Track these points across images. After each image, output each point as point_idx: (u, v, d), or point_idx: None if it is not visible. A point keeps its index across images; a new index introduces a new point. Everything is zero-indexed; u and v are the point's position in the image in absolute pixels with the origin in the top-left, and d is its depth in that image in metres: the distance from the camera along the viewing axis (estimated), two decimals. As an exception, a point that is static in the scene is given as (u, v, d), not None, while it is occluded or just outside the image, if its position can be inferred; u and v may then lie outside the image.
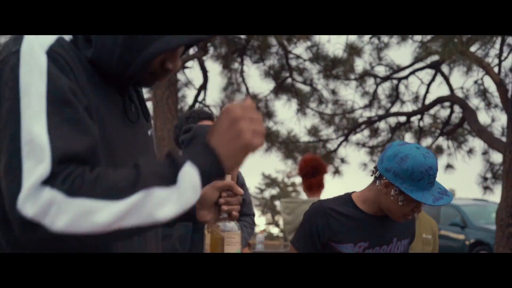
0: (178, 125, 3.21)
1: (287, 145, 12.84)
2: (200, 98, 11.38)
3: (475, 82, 11.81)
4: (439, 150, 13.34)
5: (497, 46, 10.60)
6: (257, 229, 45.53)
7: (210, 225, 1.57)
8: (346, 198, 2.50)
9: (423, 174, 2.29)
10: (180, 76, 11.38)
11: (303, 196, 5.64)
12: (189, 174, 1.16)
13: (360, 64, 15.77)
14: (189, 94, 12.31)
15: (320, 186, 4.80)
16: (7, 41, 1.26)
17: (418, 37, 10.81)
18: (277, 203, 46.75)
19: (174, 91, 9.39)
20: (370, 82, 12.56)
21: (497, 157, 12.49)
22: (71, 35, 1.30)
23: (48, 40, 1.23)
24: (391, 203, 2.35)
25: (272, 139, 12.47)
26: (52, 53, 1.20)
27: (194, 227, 2.68)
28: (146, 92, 11.19)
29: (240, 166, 1.51)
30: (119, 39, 1.26)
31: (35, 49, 1.19)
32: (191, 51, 10.68)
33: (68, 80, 1.19)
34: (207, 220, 1.55)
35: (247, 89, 11.76)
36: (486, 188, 12.87)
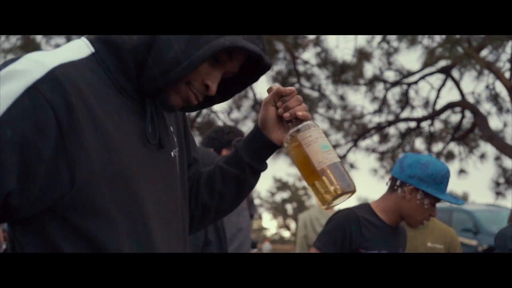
0: (216, 137, 3.41)
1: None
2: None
3: (487, 87, 11.63)
4: (450, 155, 13.17)
5: (509, 50, 10.43)
6: (267, 233, 45.47)
7: (286, 140, 1.40)
8: (368, 208, 2.62)
9: (443, 178, 2.48)
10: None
11: (314, 200, 5.65)
12: None
13: (369, 69, 15.64)
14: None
15: None
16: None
17: (427, 42, 10.65)
18: (288, 206, 46.69)
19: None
20: (379, 87, 12.43)
21: (510, 163, 12.32)
22: (92, 49, 1.21)
23: (40, 71, 1.09)
24: (415, 208, 2.51)
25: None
26: (33, 91, 1.07)
27: (205, 239, 2.69)
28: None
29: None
30: (181, 38, 1.19)
31: (14, 79, 1.07)
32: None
33: (27, 125, 1.06)
34: (285, 137, 1.42)
35: (254, 94, 11.66)
36: (498, 193, 12.69)
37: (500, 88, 13.16)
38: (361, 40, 24.24)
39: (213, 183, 1.51)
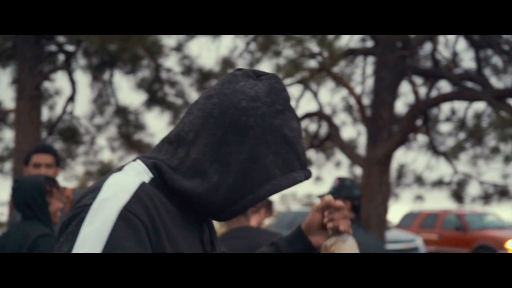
0: None
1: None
2: (68, 109, 11.10)
3: (343, 98, 12.31)
4: (308, 162, 13.76)
5: (361, 64, 11.11)
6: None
7: (323, 248, 1.52)
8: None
9: None
10: (48, 86, 11.04)
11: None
12: None
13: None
14: (58, 105, 11.95)
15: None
16: (87, 189, 1.26)
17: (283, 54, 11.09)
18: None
19: (38, 104, 9.08)
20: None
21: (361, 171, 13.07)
22: (151, 175, 1.30)
23: (125, 196, 1.21)
24: None
25: (144, 151, 12.36)
26: (125, 213, 1.19)
27: None
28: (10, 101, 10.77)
29: None
30: (229, 180, 1.28)
31: (106, 207, 1.19)
32: (58, 61, 10.41)
33: (132, 244, 1.17)
34: (323, 244, 1.54)
35: (116, 101, 11.60)
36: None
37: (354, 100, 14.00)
38: (224, 49, 24.51)
39: None
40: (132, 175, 1.29)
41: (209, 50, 24.99)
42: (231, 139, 1.29)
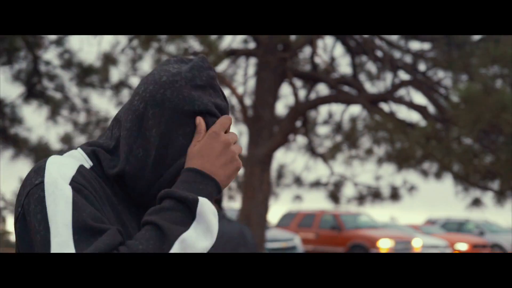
0: None
1: (37, 152, 12.35)
2: None
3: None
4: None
5: (243, 65, 11.31)
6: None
7: None
8: None
9: None
10: None
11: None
12: (206, 207, 1.24)
13: (115, 74, 15.75)
14: None
15: None
16: (27, 174, 1.29)
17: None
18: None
19: None
20: (126, 92, 12.60)
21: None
22: (91, 163, 1.34)
23: (70, 171, 1.26)
24: None
25: (20, 145, 11.92)
26: (75, 184, 1.24)
27: None
28: None
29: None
30: (151, 152, 1.31)
31: (58, 181, 1.23)
32: None
33: (93, 209, 1.22)
34: None
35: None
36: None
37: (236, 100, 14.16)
38: (105, 44, 24.13)
39: None
40: (71, 159, 1.35)
41: (90, 45, 24.37)
42: (150, 112, 1.33)
